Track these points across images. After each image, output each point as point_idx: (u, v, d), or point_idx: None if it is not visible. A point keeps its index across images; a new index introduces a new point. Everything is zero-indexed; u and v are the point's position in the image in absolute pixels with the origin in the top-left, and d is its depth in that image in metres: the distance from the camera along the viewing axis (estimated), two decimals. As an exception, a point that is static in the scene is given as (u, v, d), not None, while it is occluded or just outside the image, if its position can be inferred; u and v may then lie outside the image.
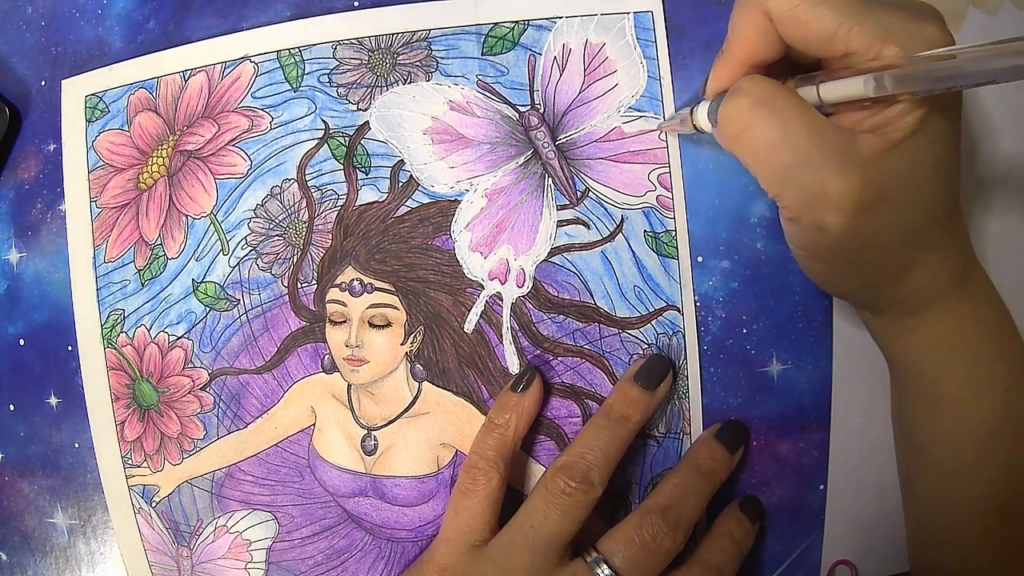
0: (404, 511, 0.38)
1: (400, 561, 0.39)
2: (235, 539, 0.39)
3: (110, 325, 0.39)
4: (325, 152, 0.38)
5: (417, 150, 0.38)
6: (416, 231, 0.38)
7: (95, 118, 0.40)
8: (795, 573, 0.40)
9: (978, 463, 0.34)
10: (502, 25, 0.38)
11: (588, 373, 0.38)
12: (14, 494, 0.41)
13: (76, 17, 0.40)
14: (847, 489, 0.39)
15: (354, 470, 0.38)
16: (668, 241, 0.38)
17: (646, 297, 0.38)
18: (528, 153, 0.38)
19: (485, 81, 0.38)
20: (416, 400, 0.38)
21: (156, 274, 0.39)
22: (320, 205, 0.38)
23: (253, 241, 0.38)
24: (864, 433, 0.38)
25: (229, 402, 0.39)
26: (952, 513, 0.35)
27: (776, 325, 0.38)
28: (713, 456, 0.36)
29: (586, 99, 0.38)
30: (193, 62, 0.39)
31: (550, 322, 0.38)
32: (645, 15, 0.38)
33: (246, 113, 0.38)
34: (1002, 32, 0.39)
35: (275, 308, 0.38)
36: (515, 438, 0.36)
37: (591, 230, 0.38)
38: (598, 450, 0.34)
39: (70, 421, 0.40)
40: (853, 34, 0.27)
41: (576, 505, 0.33)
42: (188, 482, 0.39)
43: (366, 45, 0.38)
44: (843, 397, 0.38)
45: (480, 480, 0.35)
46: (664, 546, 0.33)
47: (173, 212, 0.39)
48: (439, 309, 0.38)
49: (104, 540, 0.40)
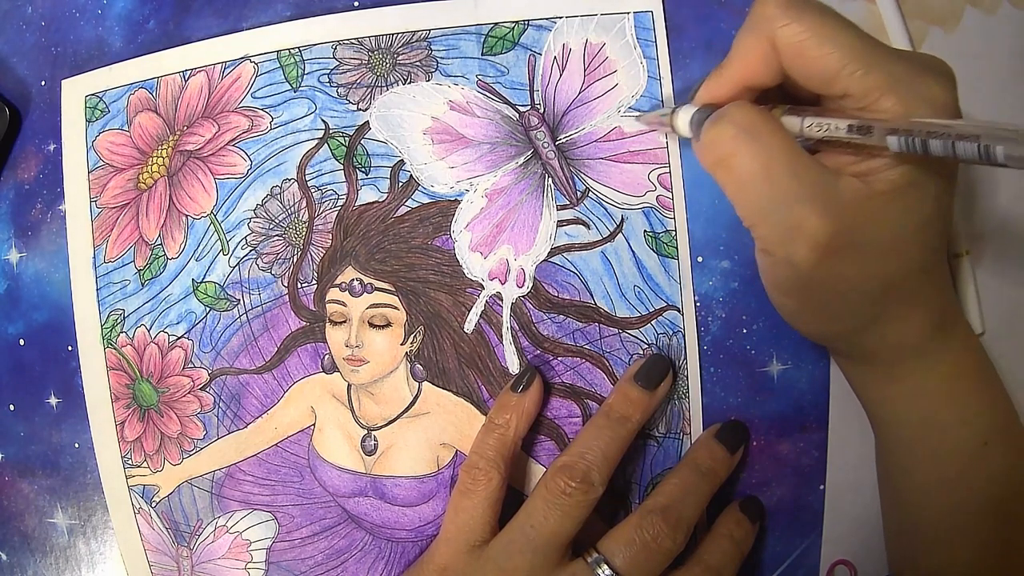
0: (404, 511, 0.38)
1: (400, 561, 0.39)
2: (235, 539, 0.39)
3: (110, 325, 0.39)
4: (325, 152, 0.38)
5: (417, 150, 0.38)
6: (416, 231, 0.38)
7: (95, 118, 0.40)
8: (794, 573, 0.40)
9: (953, 513, 0.33)
10: (502, 25, 0.38)
11: (588, 373, 0.38)
12: (14, 494, 0.41)
13: (76, 17, 0.40)
14: (846, 489, 0.39)
15: (354, 470, 0.38)
16: (668, 241, 0.38)
17: (646, 297, 0.38)
18: (528, 153, 0.38)
19: (485, 81, 0.38)
20: (416, 400, 0.38)
21: (156, 274, 0.39)
22: (320, 205, 0.38)
23: (253, 241, 0.38)
24: (862, 433, 0.38)
25: (229, 402, 0.39)
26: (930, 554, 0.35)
27: (776, 325, 0.38)
28: (713, 456, 0.36)
29: (586, 99, 0.38)
30: (193, 62, 0.39)
31: (550, 322, 0.38)
32: (645, 15, 0.38)
33: (246, 113, 0.38)
34: (1001, 32, 0.39)
35: (275, 308, 0.38)
36: (515, 438, 0.36)
37: (591, 230, 0.38)
38: (598, 450, 0.34)
39: (70, 421, 0.40)
40: (855, 78, 0.26)
41: (576, 505, 0.33)
42: (188, 482, 0.39)
43: (366, 45, 0.38)
44: (841, 397, 0.39)
45: (480, 480, 0.35)
46: (664, 546, 0.33)
47: (173, 212, 0.39)
48: (439, 309, 0.38)
49: (104, 540, 0.40)
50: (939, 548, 0.34)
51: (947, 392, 0.32)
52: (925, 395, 0.32)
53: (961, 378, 0.32)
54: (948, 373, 0.32)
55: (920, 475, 0.34)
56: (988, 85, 0.39)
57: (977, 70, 0.39)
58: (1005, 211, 0.34)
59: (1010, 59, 0.39)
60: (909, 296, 0.30)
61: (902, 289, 0.30)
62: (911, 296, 0.30)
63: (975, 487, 0.33)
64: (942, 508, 0.33)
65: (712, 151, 0.29)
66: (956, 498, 0.33)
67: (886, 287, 0.29)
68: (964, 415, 0.32)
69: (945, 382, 0.32)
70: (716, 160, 0.28)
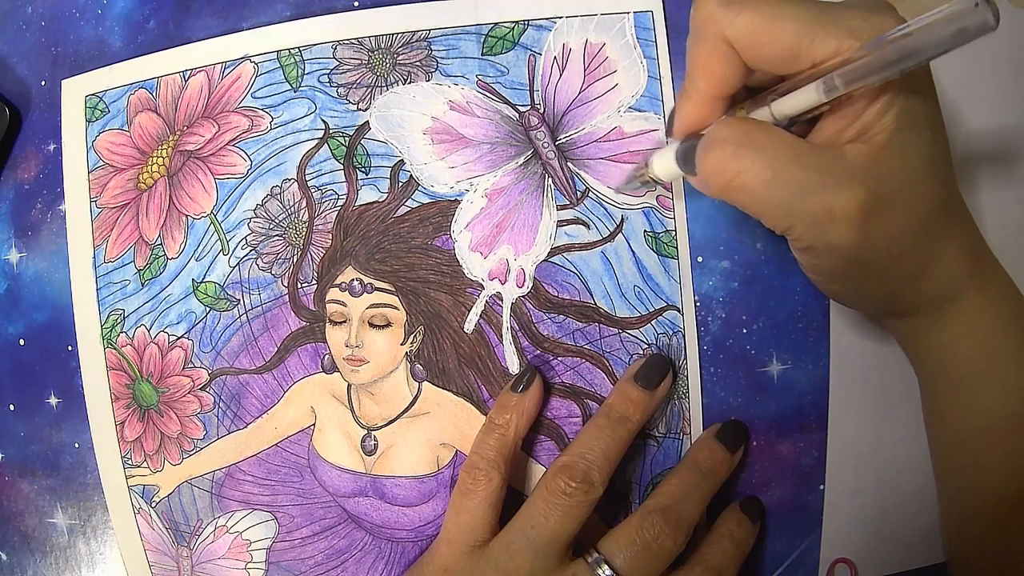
0: (404, 511, 0.38)
1: (400, 561, 0.39)
2: (235, 539, 0.39)
3: (110, 325, 0.39)
4: (325, 152, 0.38)
5: (417, 150, 0.38)
6: (416, 231, 0.38)
7: (95, 118, 0.40)
8: (795, 572, 0.40)
9: (1006, 452, 0.33)
10: (502, 25, 0.38)
11: (588, 373, 0.38)
12: (14, 494, 0.41)
13: (76, 17, 0.40)
14: (846, 489, 0.39)
15: (354, 470, 0.38)
16: (668, 241, 0.38)
17: (646, 297, 0.38)
18: (528, 153, 0.38)
19: (485, 81, 0.38)
20: (416, 400, 0.38)
21: (156, 274, 0.39)
22: (320, 205, 0.38)
23: (253, 241, 0.38)
24: (862, 433, 0.38)
25: (229, 402, 0.39)
26: (982, 503, 0.35)
27: (776, 325, 0.38)
28: (713, 456, 0.37)
29: (586, 99, 0.38)
30: (193, 62, 0.39)
31: (550, 322, 0.38)
32: (645, 15, 0.38)
33: (246, 113, 0.38)
34: (1001, 32, 0.39)
35: (275, 308, 0.38)
36: (515, 438, 0.36)
37: (591, 230, 0.38)
38: (598, 450, 0.34)
39: (70, 421, 0.40)
40: (817, 43, 0.26)
41: (577, 505, 0.33)
42: (188, 482, 0.39)
43: (366, 45, 0.38)
44: (840, 397, 0.39)
45: (481, 480, 0.35)
46: (665, 546, 0.33)
47: (173, 212, 0.39)
48: (439, 309, 0.38)
49: (104, 540, 0.40)
50: (1003, 500, 0.34)
51: (998, 322, 0.33)
52: (980, 329, 0.33)
53: (1007, 307, 0.33)
54: (995, 304, 0.33)
55: (976, 411, 0.34)
56: (988, 85, 0.39)
57: (977, 70, 0.39)
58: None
59: (1010, 59, 0.39)
60: (943, 234, 0.30)
61: (935, 228, 0.30)
62: (945, 234, 0.31)
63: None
64: (1001, 446, 0.34)
65: (719, 177, 0.28)
66: (1014, 432, 0.33)
67: (923, 231, 0.30)
68: (1010, 349, 0.33)
69: (995, 312, 0.33)
70: (725, 184, 0.28)
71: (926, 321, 0.33)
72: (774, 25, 0.27)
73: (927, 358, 0.35)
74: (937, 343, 0.34)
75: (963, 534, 0.36)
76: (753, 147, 0.27)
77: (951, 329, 0.33)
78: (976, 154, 0.40)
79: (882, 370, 0.39)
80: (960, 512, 0.36)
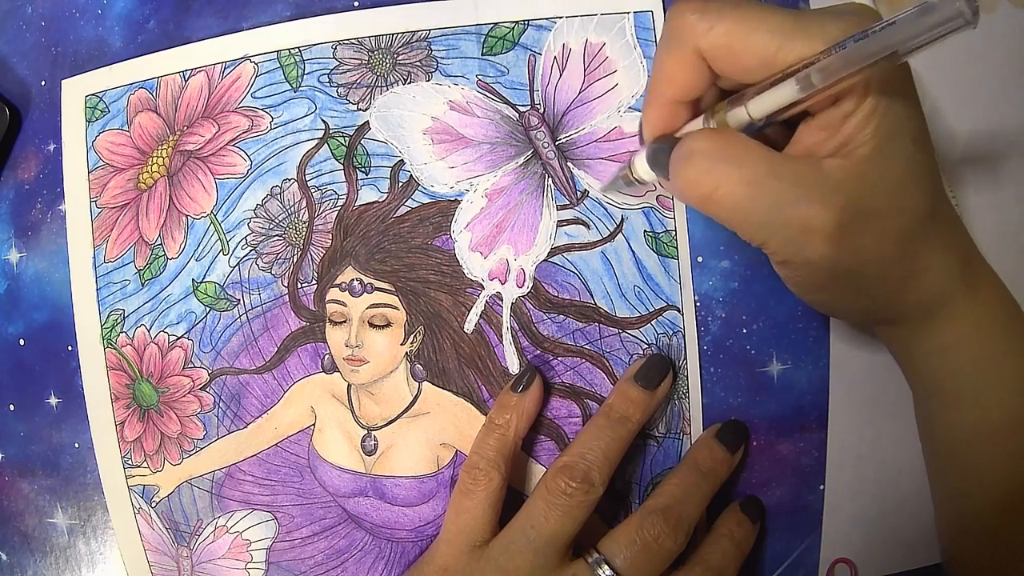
0: (404, 511, 0.38)
1: (400, 561, 0.39)
2: (235, 539, 0.39)
3: (110, 325, 0.39)
4: (325, 152, 0.38)
5: (417, 150, 0.38)
6: (416, 231, 0.38)
7: (95, 118, 0.40)
8: (795, 572, 0.40)
9: (1000, 457, 0.33)
10: (502, 25, 0.38)
11: (588, 373, 0.38)
12: (14, 494, 0.41)
13: (76, 17, 0.40)
14: (846, 489, 0.39)
15: (354, 470, 0.38)
16: (668, 241, 0.38)
17: (646, 297, 0.38)
18: (528, 153, 0.38)
19: (485, 81, 0.38)
20: (416, 400, 0.38)
21: (156, 274, 0.39)
22: (320, 205, 0.38)
23: (253, 241, 0.38)
24: (862, 433, 0.38)
25: (229, 402, 0.39)
26: (976, 508, 0.35)
27: (776, 325, 0.38)
28: (713, 456, 0.37)
29: (586, 99, 0.38)
30: (193, 62, 0.39)
31: (550, 322, 0.38)
32: (645, 15, 0.38)
33: (246, 113, 0.38)
34: (1000, 32, 0.39)
35: (275, 308, 0.38)
36: (515, 438, 0.36)
37: (591, 230, 0.38)
38: (598, 450, 0.34)
39: (70, 421, 0.40)
40: (796, 51, 0.26)
41: (577, 505, 0.33)
42: (188, 482, 0.39)
43: (366, 45, 0.38)
44: (840, 397, 0.39)
45: (481, 480, 0.35)
46: (665, 547, 0.33)
47: (173, 212, 0.39)
48: (439, 309, 0.38)
49: (104, 540, 0.40)
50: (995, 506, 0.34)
51: (989, 329, 0.32)
52: (971, 336, 0.32)
53: (999, 313, 0.33)
54: (986, 310, 0.32)
55: (963, 425, 0.34)
56: (988, 85, 0.39)
57: (977, 70, 0.39)
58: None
59: (1010, 59, 0.39)
60: (928, 243, 0.30)
61: (920, 238, 0.30)
62: (930, 242, 0.30)
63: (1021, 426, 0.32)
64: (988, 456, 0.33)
65: (696, 191, 0.28)
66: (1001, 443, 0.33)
67: (905, 242, 0.29)
68: (1000, 358, 0.33)
69: (986, 318, 0.32)
70: (701, 198, 0.28)
71: (915, 329, 0.33)
72: (750, 35, 0.26)
73: (919, 366, 0.35)
74: (928, 351, 0.33)
75: (959, 536, 0.36)
76: (730, 162, 0.27)
77: (941, 337, 0.33)
78: (976, 154, 0.40)
79: (882, 370, 0.39)
80: (955, 516, 0.36)
